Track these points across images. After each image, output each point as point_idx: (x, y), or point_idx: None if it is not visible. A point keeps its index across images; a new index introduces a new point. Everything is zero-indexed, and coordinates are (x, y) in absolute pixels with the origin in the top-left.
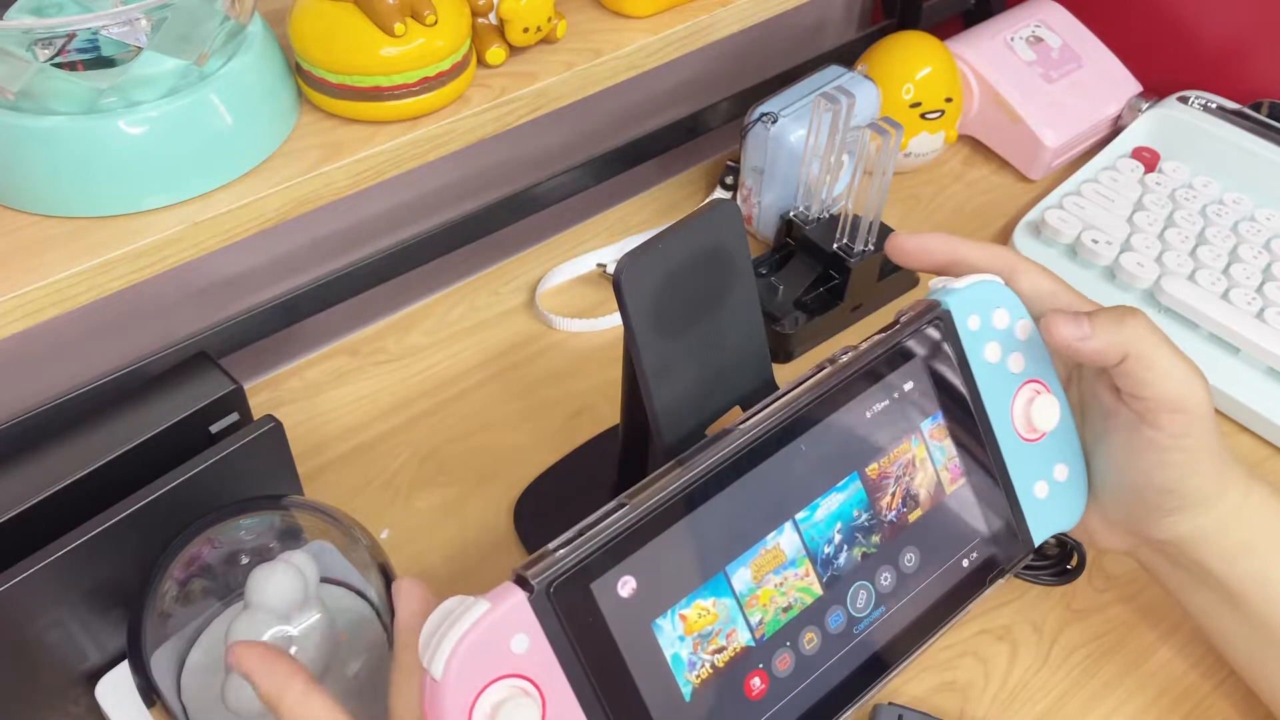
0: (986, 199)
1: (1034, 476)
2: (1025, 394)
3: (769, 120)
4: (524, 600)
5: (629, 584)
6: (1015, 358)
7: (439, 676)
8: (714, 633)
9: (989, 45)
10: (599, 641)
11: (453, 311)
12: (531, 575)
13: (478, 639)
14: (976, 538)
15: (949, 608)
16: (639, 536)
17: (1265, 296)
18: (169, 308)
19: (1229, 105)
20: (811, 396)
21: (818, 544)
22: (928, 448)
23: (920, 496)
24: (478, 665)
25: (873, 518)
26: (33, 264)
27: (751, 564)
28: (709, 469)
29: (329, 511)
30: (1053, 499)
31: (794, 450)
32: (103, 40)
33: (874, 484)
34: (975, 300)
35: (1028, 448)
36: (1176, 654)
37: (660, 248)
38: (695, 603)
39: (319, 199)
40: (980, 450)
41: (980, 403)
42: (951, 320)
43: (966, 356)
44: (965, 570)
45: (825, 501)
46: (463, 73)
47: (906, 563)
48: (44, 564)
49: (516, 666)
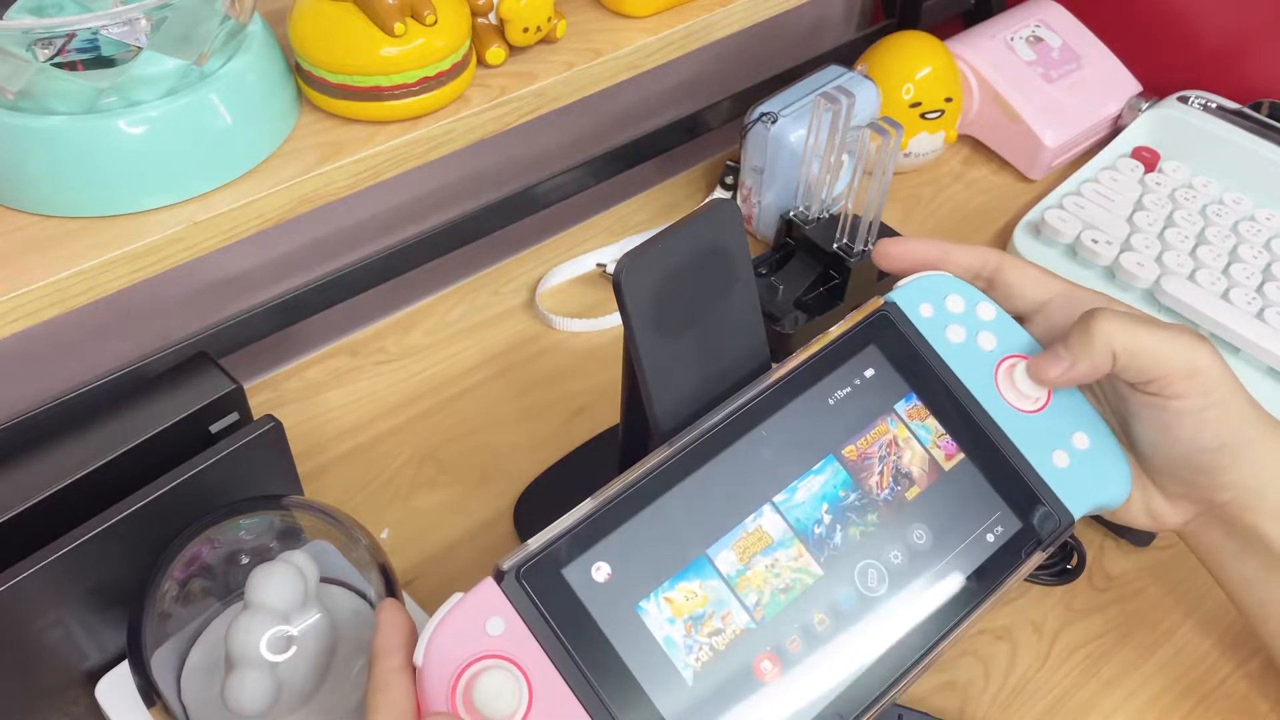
0: (986, 199)
1: (1048, 446)
2: (1007, 367)
3: (769, 120)
4: (494, 586)
5: (603, 569)
6: (985, 336)
7: (420, 663)
8: (706, 615)
9: (989, 45)
10: (580, 625)
11: (453, 311)
12: (504, 564)
13: (452, 622)
14: (996, 512)
15: (985, 583)
16: (607, 525)
17: (1265, 296)
18: (169, 308)
19: (1229, 105)
20: (764, 388)
21: (806, 525)
22: (909, 427)
23: (914, 474)
24: (455, 647)
25: (863, 497)
26: (33, 264)
27: (735, 546)
28: (668, 460)
29: (329, 511)
30: (1080, 468)
31: (755, 438)
32: (103, 40)
33: (855, 465)
34: (921, 291)
35: (1030, 419)
36: (1176, 654)
37: (660, 248)
38: (679, 585)
39: (319, 199)
40: (973, 425)
41: (958, 380)
42: (900, 310)
43: (928, 340)
44: (993, 545)
45: (804, 484)
46: (463, 73)
47: (917, 539)
48: (44, 564)
49: (495, 648)
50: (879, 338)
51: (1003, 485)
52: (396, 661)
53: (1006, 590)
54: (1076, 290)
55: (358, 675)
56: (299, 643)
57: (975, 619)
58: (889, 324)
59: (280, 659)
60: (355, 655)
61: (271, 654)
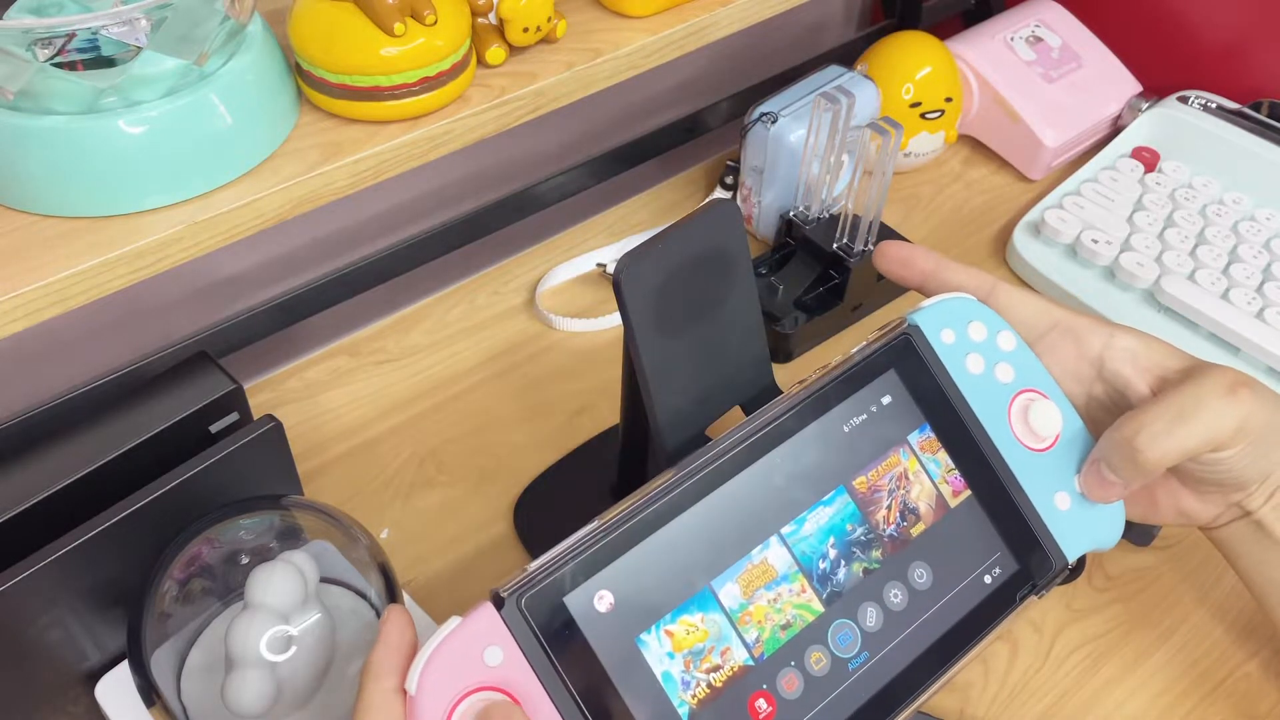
0: (986, 199)
1: (1051, 488)
2: (1021, 402)
3: (769, 120)
4: (493, 613)
5: (606, 598)
6: (1003, 368)
7: (413, 691)
8: (706, 650)
9: (989, 45)
10: (579, 657)
11: (453, 311)
12: (504, 589)
13: (449, 651)
14: (995, 553)
15: (976, 626)
16: (612, 551)
17: (1265, 296)
18: (169, 308)
19: (1229, 105)
20: (781, 412)
21: (811, 559)
22: (919, 460)
23: (920, 510)
24: (451, 677)
25: (869, 532)
26: (33, 264)
27: (739, 579)
28: (678, 486)
29: (329, 511)
30: (1080, 512)
31: (768, 465)
32: (103, 40)
33: (864, 497)
34: (945, 315)
35: (1037, 458)
36: (1176, 654)
37: (660, 248)
38: (681, 618)
39: (319, 199)
40: (982, 461)
41: (972, 413)
42: (922, 335)
43: (947, 369)
44: (989, 587)
45: (813, 515)
46: (462, 73)
47: (918, 579)
48: (44, 564)
49: (492, 679)
50: (899, 363)
51: (1005, 526)
52: (393, 683)
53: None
54: (1078, 319)
55: (357, 675)
56: (299, 643)
57: (967, 661)
58: (910, 348)
59: (280, 659)
60: (355, 655)
61: (271, 654)
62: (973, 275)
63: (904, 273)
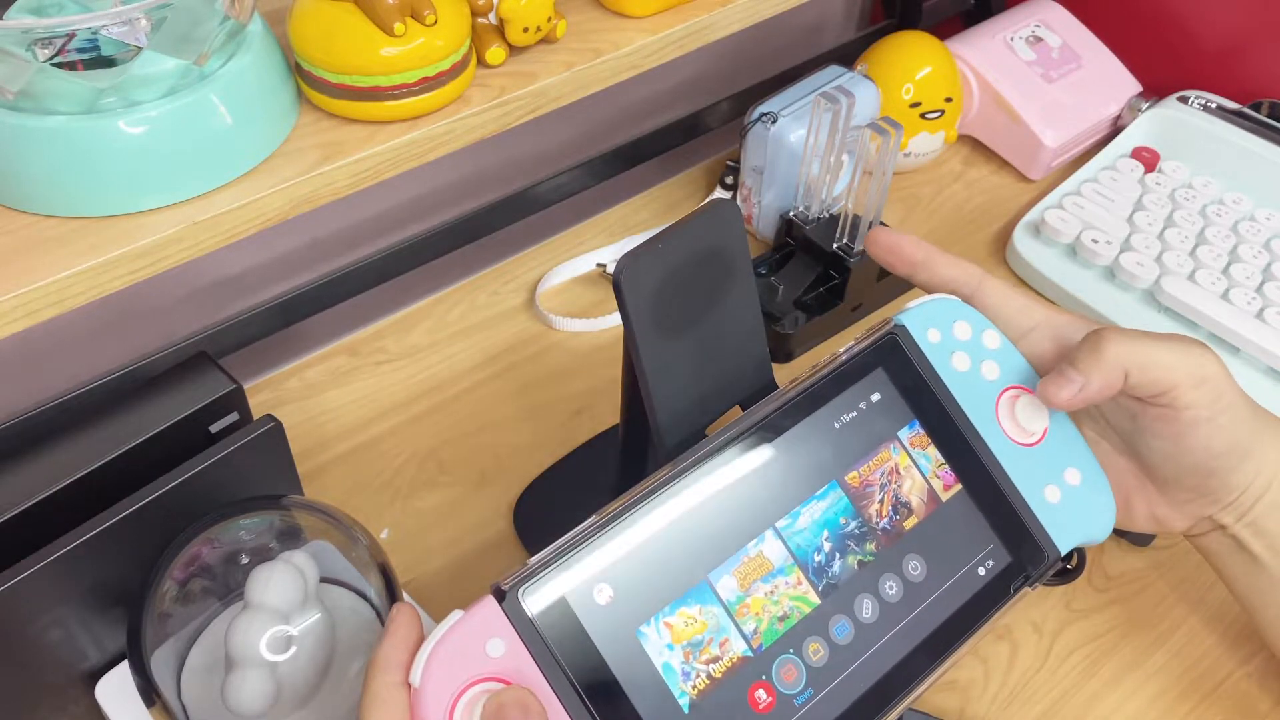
0: (986, 199)
1: (1040, 481)
2: (1008, 398)
3: (769, 120)
4: (495, 606)
5: (605, 591)
6: (989, 366)
7: (417, 683)
8: (705, 641)
9: (989, 45)
10: (579, 648)
11: (453, 311)
12: (505, 583)
13: (451, 644)
14: (988, 545)
15: (971, 617)
16: (610, 545)
17: (1265, 296)
18: (169, 308)
19: (1229, 105)
20: (772, 409)
21: (806, 552)
22: (910, 455)
23: (912, 504)
24: (453, 668)
25: (863, 525)
26: (33, 264)
27: (735, 572)
28: (675, 481)
29: (329, 511)
30: (1070, 504)
31: (760, 461)
32: (102, 40)
33: (857, 492)
34: (930, 315)
35: (1026, 452)
36: (1176, 654)
37: (660, 248)
38: (680, 610)
39: (319, 199)
40: (972, 456)
41: (960, 410)
42: (909, 334)
43: (934, 367)
44: (983, 579)
45: (806, 510)
46: (462, 73)
47: (912, 570)
48: (44, 564)
49: (494, 670)
50: (886, 362)
51: (996, 519)
52: (398, 677)
53: (994, 625)
54: (1060, 316)
55: (357, 675)
56: (299, 643)
57: (963, 651)
58: (897, 348)
59: (280, 659)
60: (355, 655)
61: (271, 654)
62: (961, 268)
63: (891, 260)
